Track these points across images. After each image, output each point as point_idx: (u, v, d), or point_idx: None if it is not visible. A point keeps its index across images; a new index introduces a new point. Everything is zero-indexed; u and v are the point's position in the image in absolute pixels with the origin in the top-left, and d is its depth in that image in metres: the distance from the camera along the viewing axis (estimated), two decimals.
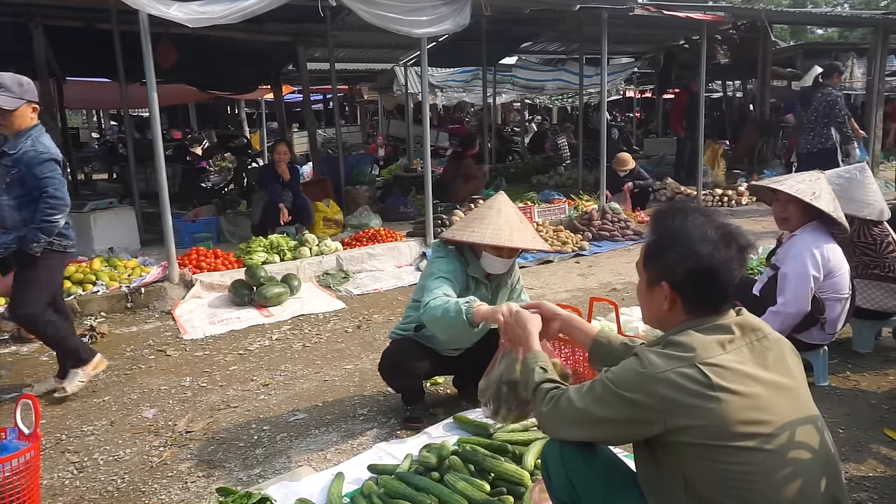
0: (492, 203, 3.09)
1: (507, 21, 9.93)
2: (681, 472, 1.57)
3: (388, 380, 3.29)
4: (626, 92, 22.50)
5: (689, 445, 1.53)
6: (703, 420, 1.50)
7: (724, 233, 1.68)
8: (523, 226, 3.04)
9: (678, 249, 1.66)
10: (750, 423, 1.50)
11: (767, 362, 1.59)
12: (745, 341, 1.60)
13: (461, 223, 3.16)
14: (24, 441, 2.44)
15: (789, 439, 1.53)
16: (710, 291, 1.65)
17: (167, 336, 4.72)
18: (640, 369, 1.57)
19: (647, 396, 1.55)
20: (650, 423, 1.56)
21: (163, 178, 5.35)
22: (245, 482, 2.77)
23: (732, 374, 1.53)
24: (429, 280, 2.94)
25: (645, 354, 1.60)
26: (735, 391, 1.51)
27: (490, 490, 2.43)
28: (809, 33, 25.94)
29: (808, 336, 3.41)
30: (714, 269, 1.63)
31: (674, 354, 1.57)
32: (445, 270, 2.96)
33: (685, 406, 1.51)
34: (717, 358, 1.54)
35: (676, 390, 1.52)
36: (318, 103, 22.24)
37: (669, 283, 1.67)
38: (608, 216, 7.71)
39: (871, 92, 11.57)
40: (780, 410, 1.55)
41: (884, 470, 2.71)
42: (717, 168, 10.67)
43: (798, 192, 3.32)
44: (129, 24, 6.16)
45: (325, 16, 7.81)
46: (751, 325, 1.64)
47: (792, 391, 1.60)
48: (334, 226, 7.56)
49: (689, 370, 1.53)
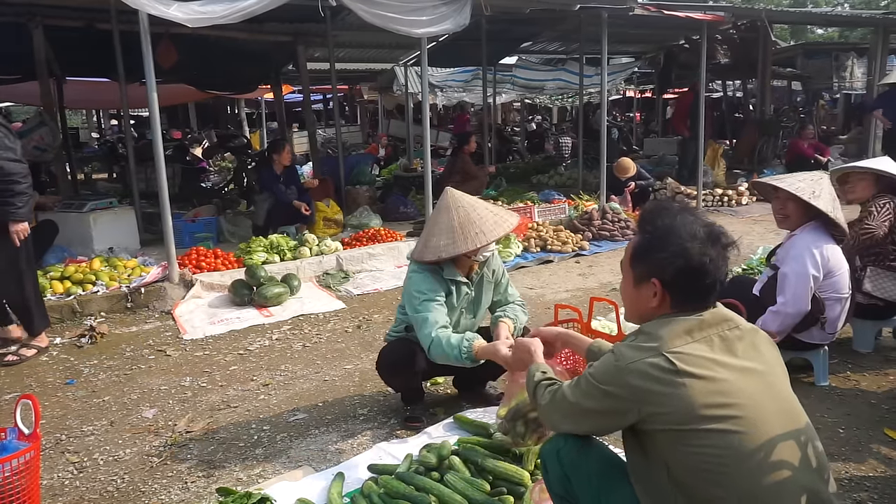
0: (441, 206, 2.99)
1: (507, 21, 9.93)
2: (662, 460, 1.63)
3: (387, 378, 3.28)
4: (626, 92, 22.49)
5: (662, 432, 1.60)
6: (672, 406, 1.57)
7: (710, 231, 1.73)
8: (482, 215, 2.93)
9: (669, 248, 1.70)
10: (717, 406, 1.56)
11: (737, 350, 1.65)
12: (713, 331, 1.66)
13: (422, 237, 3.05)
14: (24, 441, 2.44)
15: (761, 423, 1.58)
16: (699, 288, 1.70)
17: (167, 336, 4.72)
18: (613, 362, 1.66)
19: (620, 387, 1.63)
20: (626, 412, 1.64)
21: (163, 178, 5.35)
22: (245, 482, 2.77)
23: (698, 360, 1.59)
24: (415, 301, 2.93)
25: (618, 348, 1.69)
26: (701, 376, 1.57)
27: (490, 490, 2.43)
28: (809, 33, 25.95)
29: (809, 336, 3.41)
30: (703, 267, 1.69)
31: (642, 346, 1.64)
32: (426, 289, 2.94)
33: (654, 393, 1.58)
34: (683, 346, 1.61)
35: (645, 379, 1.59)
36: (318, 103, 22.25)
37: (660, 280, 1.72)
38: (608, 216, 7.70)
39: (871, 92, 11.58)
40: (750, 395, 1.60)
41: (884, 470, 2.71)
42: (717, 168, 10.66)
43: (797, 190, 3.33)
44: (129, 24, 6.16)
45: (325, 16, 7.81)
46: (721, 316, 1.71)
47: (765, 377, 1.65)
48: (334, 226, 7.56)
49: (655, 359, 1.60)
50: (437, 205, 3.06)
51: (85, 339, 4.58)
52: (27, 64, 7.21)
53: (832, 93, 17.31)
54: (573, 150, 14.18)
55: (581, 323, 3.36)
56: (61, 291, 5.11)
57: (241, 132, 16.84)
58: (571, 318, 3.41)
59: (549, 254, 6.79)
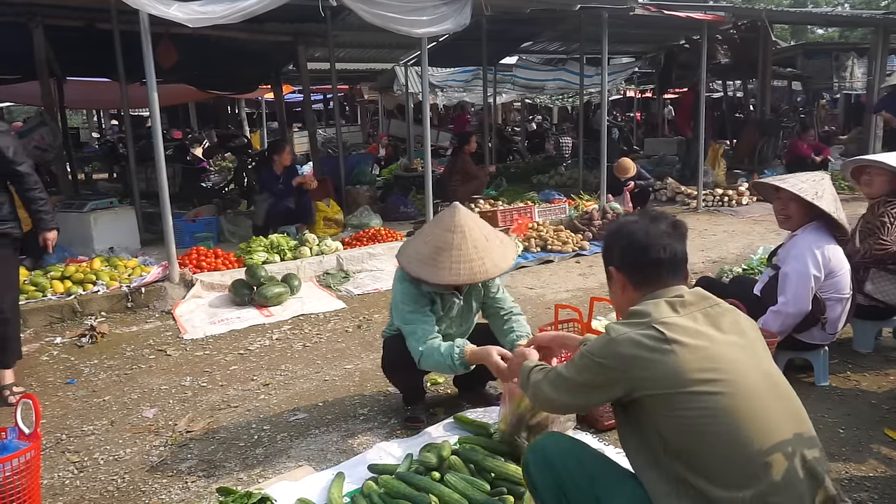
0: (451, 225, 2.80)
1: (507, 21, 9.93)
2: (654, 430, 1.70)
3: (390, 377, 3.28)
4: (627, 92, 22.49)
5: (651, 398, 1.68)
6: (660, 371, 1.66)
7: (654, 215, 1.92)
8: (490, 241, 2.81)
9: (614, 238, 1.94)
10: (705, 371, 1.65)
11: (722, 326, 1.76)
12: (698, 307, 1.77)
13: (423, 253, 2.82)
14: (25, 441, 2.44)
15: (747, 387, 1.67)
16: (647, 262, 1.85)
17: (167, 336, 4.72)
18: (607, 337, 1.78)
19: (611, 358, 1.74)
20: (617, 382, 1.74)
21: (163, 177, 5.35)
22: (245, 482, 2.77)
23: (685, 330, 1.70)
24: (402, 312, 2.91)
25: (612, 326, 1.81)
26: (687, 343, 1.68)
27: (490, 490, 2.43)
28: (810, 33, 25.95)
29: (809, 336, 3.41)
30: (646, 242, 1.85)
31: (633, 321, 1.77)
32: (410, 300, 2.89)
33: (642, 359, 1.69)
34: (670, 318, 1.73)
35: (635, 347, 1.70)
36: (318, 103, 22.25)
37: (614, 266, 1.93)
38: (609, 216, 7.70)
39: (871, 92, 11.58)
40: (736, 363, 1.69)
41: (884, 470, 2.70)
42: (717, 168, 10.66)
43: (800, 190, 3.32)
44: (130, 24, 6.17)
45: (326, 16, 7.81)
46: (701, 295, 1.83)
47: (748, 349, 1.75)
48: (335, 225, 7.56)
49: (646, 330, 1.71)
50: (439, 215, 2.89)
51: (85, 339, 4.59)
52: (27, 64, 7.22)
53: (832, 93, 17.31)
54: (573, 150, 14.18)
55: (581, 323, 3.36)
56: (62, 291, 5.11)
57: (242, 132, 16.83)
58: (572, 318, 3.41)
59: (550, 254, 6.79)
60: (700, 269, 6.04)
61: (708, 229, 8.02)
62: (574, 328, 3.39)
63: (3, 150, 3.57)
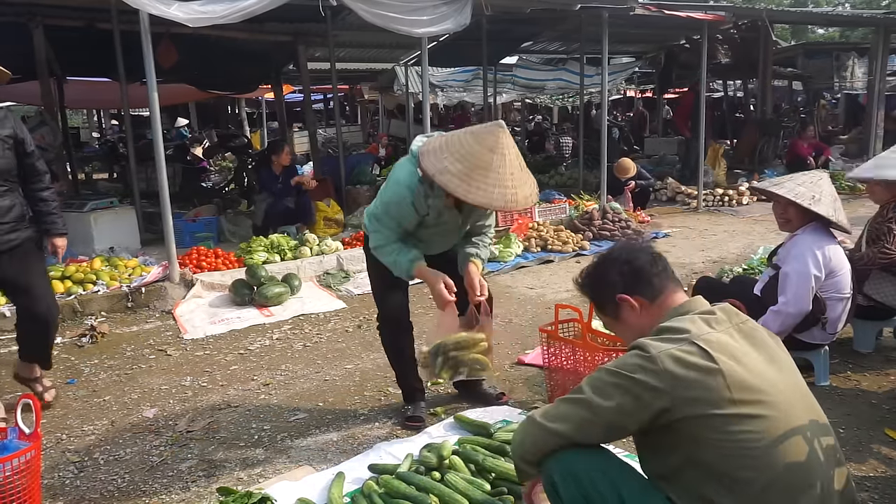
0: (493, 144, 2.57)
1: (507, 21, 9.92)
2: (686, 453, 1.63)
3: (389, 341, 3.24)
4: (627, 92, 22.48)
5: (690, 420, 1.60)
6: (706, 390, 1.58)
7: (625, 240, 2.09)
8: (523, 170, 2.65)
9: (600, 272, 1.95)
10: (748, 390, 1.59)
11: (756, 342, 1.71)
12: (730, 324, 1.72)
13: (457, 168, 2.55)
14: (25, 441, 2.44)
15: (788, 410, 1.62)
16: (653, 271, 1.86)
17: (168, 336, 4.72)
18: (643, 353, 1.64)
19: (652, 375, 1.61)
20: (652, 404, 1.61)
21: (163, 177, 5.35)
22: (245, 482, 2.77)
23: (726, 347, 1.64)
24: (385, 214, 2.90)
25: (644, 342, 1.67)
26: (732, 361, 1.61)
27: (491, 490, 2.43)
28: (810, 33, 25.93)
29: (809, 336, 3.41)
30: (640, 256, 1.89)
31: (670, 336, 1.67)
32: (398, 211, 2.84)
33: (688, 379, 1.59)
34: (709, 335, 1.66)
35: (680, 365, 1.60)
36: (318, 103, 22.24)
37: (620, 293, 1.88)
38: (609, 216, 7.69)
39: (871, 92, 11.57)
40: (776, 383, 1.65)
41: (885, 470, 2.70)
42: (717, 168, 10.67)
43: (797, 195, 3.32)
44: (130, 24, 6.16)
45: (326, 15, 7.80)
46: (732, 311, 1.78)
47: (785, 369, 1.71)
48: (335, 225, 7.56)
49: (688, 346, 1.63)
50: (480, 129, 2.67)
51: (85, 339, 4.59)
52: (28, 64, 7.21)
53: (833, 93, 17.30)
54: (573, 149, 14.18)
55: (581, 323, 3.35)
56: (62, 291, 5.11)
57: (242, 132, 16.83)
58: (572, 318, 3.41)
59: (550, 254, 6.79)
60: (700, 269, 6.03)
61: (708, 229, 8.02)
62: (574, 328, 3.40)
63: (25, 143, 3.23)
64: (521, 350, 4.11)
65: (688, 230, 7.97)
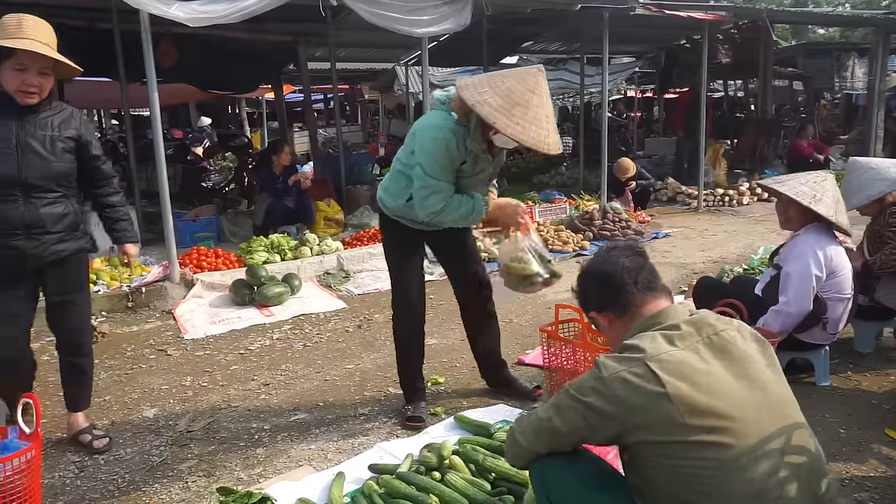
0: (534, 86, 2.63)
1: (507, 21, 9.91)
2: (649, 473, 1.61)
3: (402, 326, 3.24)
4: (627, 92, 22.46)
5: (647, 444, 1.58)
6: (654, 416, 1.54)
7: (608, 247, 1.98)
8: (551, 120, 2.70)
9: (582, 283, 1.98)
10: (704, 416, 1.53)
11: (728, 356, 1.62)
12: (698, 338, 1.64)
13: (498, 102, 2.59)
14: (26, 440, 2.44)
15: (751, 432, 1.54)
16: (619, 285, 1.82)
17: (168, 336, 4.72)
18: (597, 374, 1.64)
19: (604, 398, 1.60)
20: (605, 426, 1.62)
21: (163, 177, 5.35)
22: (246, 482, 2.77)
23: (683, 369, 1.57)
24: (434, 168, 2.76)
25: (601, 363, 1.66)
26: (684, 385, 1.54)
27: (491, 490, 2.43)
28: (811, 33, 25.90)
29: (810, 336, 3.41)
30: (610, 270, 1.85)
31: (626, 356, 1.63)
32: (447, 159, 2.76)
33: (637, 403, 1.56)
34: (666, 354, 1.59)
35: (628, 389, 1.57)
36: (318, 103, 22.24)
37: (594, 309, 1.92)
38: (609, 216, 7.70)
39: (871, 92, 11.56)
40: (739, 403, 1.56)
41: (885, 470, 2.70)
42: (718, 168, 10.66)
43: (798, 194, 3.33)
44: (130, 24, 6.16)
45: (326, 15, 7.80)
46: (705, 321, 1.69)
47: (756, 382, 1.61)
48: (335, 225, 7.56)
49: (639, 369, 1.58)
50: (520, 71, 2.70)
51: None
52: None
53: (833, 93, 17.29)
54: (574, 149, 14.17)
55: (582, 323, 3.35)
56: None
57: (242, 132, 16.83)
58: (572, 318, 3.41)
59: (550, 253, 6.77)
60: (700, 269, 6.03)
61: (708, 229, 8.01)
62: (574, 328, 3.40)
63: (90, 146, 2.94)
64: (521, 350, 4.11)
65: (688, 230, 7.96)
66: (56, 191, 2.84)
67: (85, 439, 3.12)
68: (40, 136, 2.76)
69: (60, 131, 2.83)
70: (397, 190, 3.02)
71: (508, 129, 2.57)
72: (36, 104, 2.76)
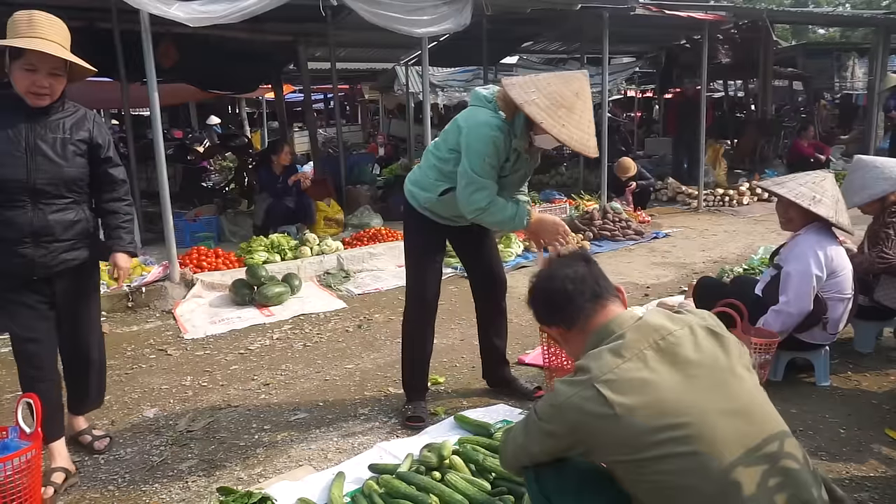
0: (579, 90, 2.69)
1: (508, 21, 9.91)
2: (631, 488, 1.63)
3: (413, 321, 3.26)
4: (627, 92, 22.45)
5: (618, 462, 1.60)
6: (611, 438, 1.55)
7: (556, 263, 1.95)
8: (592, 122, 2.73)
9: (532, 300, 1.95)
10: (662, 430, 1.51)
11: (677, 359, 1.59)
12: (643, 346, 1.60)
13: (544, 102, 2.63)
14: (26, 440, 2.44)
15: (713, 434, 1.51)
16: (562, 298, 1.81)
17: (168, 335, 4.72)
18: (552, 401, 1.66)
19: (560, 425, 1.63)
20: (570, 447, 1.67)
21: (164, 177, 5.35)
22: (246, 481, 2.77)
23: (631, 385, 1.55)
24: (482, 164, 2.75)
25: (557, 385, 1.67)
26: (635, 402, 1.53)
27: (491, 489, 2.43)
28: (811, 33, 25.92)
29: (810, 336, 3.41)
30: (553, 285, 1.84)
31: (576, 380, 1.62)
32: (494, 155, 2.76)
33: (591, 428, 1.57)
34: (614, 371, 1.57)
35: (580, 414, 1.58)
36: (318, 102, 22.24)
37: (545, 324, 1.95)
38: (609, 216, 7.70)
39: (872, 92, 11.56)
40: (696, 406, 1.53)
41: (885, 470, 2.70)
42: (718, 168, 10.67)
43: (797, 196, 3.33)
44: (130, 24, 6.16)
45: (326, 15, 7.80)
46: (651, 326, 1.65)
47: (713, 381, 1.58)
48: (335, 225, 7.56)
49: (587, 392, 1.57)
50: (565, 75, 2.77)
51: None
52: None
53: (833, 93, 17.29)
54: None
55: None
56: None
57: (242, 132, 16.83)
58: None
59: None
60: (700, 269, 6.03)
61: (708, 229, 8.02)
62: None
63: (102, 149, 2.80)
64: (521, 350, 4.11)
65: (688, 230, 7.96)
66: (66, 196, 2.70)
67: (85, 440, 3.11)
68: (51, 139, 2.63)
69: (72, 134, 2.69)
70: (428, 183, 3.03)
71: (554, 130, 2.61)
72: (47, 106, 2.64)
